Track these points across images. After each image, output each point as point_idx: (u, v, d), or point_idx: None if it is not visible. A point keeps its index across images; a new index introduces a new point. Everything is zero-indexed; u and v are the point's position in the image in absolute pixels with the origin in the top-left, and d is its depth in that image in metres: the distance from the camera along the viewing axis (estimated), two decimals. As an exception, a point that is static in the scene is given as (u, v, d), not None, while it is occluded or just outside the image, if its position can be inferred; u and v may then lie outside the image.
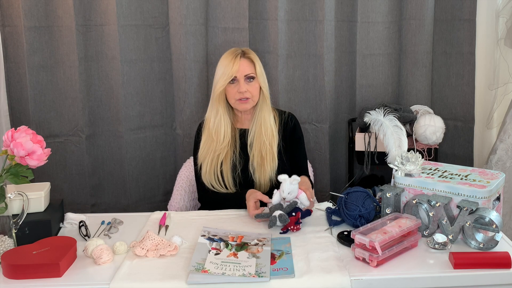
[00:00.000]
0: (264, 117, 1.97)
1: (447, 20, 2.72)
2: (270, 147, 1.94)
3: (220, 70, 1.94)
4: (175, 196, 2.15)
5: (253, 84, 1.94)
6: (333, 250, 1.47)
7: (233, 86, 1.93)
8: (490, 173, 1.60)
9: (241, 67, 1.92)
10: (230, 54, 1.95)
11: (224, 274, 1.32)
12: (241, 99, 1.92)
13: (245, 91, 1.91)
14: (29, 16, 2.49)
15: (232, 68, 1.90)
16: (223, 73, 1.92)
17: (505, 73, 2.62)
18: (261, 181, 1.94)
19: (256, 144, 1.96)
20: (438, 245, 1.45)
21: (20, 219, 1.49)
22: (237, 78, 1.92)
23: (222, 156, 1.95)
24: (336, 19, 2.68)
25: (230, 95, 1.94)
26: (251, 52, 1.99)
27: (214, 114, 1.98)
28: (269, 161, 1.93)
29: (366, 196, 1.65)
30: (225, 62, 1.93)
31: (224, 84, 1.92)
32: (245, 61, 1.94)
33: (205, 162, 1.96)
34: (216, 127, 1.96)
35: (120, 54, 2.57)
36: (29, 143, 1.41)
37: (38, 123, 2.60)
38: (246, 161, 1.97)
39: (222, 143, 1.95)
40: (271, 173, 1.93)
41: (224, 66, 1.93)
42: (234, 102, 1.95)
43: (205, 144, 1.98)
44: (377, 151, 2.52)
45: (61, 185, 2.67)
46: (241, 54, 1.95)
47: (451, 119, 2.77)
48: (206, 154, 1.97)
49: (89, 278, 1.35)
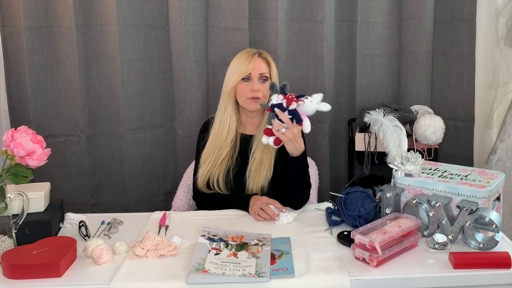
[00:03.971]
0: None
1: (447, 20, 2.72)
2: (271, 153, 1.91)
3: (234, 67, 1.92)
4: (179, 194, 2.15)
5: (266, 85, 1.91)
6: (333, 250, 1.47)
7: (246, 84, 1.90)
8: (490, 173, 1.60)
9: (257, 65, 1.90)
10: (246, 53, 1.93)
11: (224, 274, 1.32)
12: (253, 98, 1.89)
13: (258, 90, 1.89)
14: (29, 16, 2.50)
15: (248, 65, 1.88)
16: (237, 70, 1.90)
17: (505, 73, 2.62)
18: (253, 188, 1.90)
19: (260, 148, 1.92)
20: (438, 245, 1.45)
21: (20, 219, 1.49)
22: (251, 76, 1.90)
23: (222, 157, 1.93)
24: (336, 19, 2.68)
25: (242, 93, 1.91)
26: (268, 54, 1.97)
27: (222, 111, 1.95)
28: (266, 169, 1.89)
29: (366, 196, 1.65)
30: (240, 59, 1.92)
31: (237, 80, 1.89)
32: (261, 60, 1.93)
33: (206, 162, 1.94)
34: (222, 125, 1.94)
35: (120, 54, 2.57)
36: (29, 143, 1.41)
37: (38, 123, 2.60)
38: (242, 167, 1.93)
39: (224, 141, 1.93)
40: (264, 182, 1.90)
41: (239, 63, 1.91)
42: (244, 101, 1.91)
43: (211, 143, 1.96)
44: (377, 151, 2.52)
45: (61, 185, 2.67)
46: (258, 54, 1.93)
47: (451, 119, 2.77)
48: (211, 153, 1.94)
49: (89, 278, 1.35)
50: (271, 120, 1.66)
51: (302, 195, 1.84)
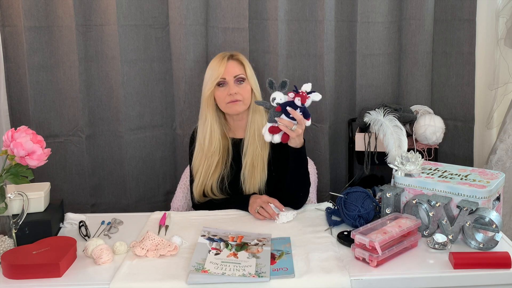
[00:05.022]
0: (257, 121, 1.91)
1: (447, 20, 2.72)
2: (262, 156, 1.89)
3: (208, 73, 1.90)
4: (178, 194, 2.15)
5: (244, 86, 1.89)
6: (333, 250, 1.47)
7: (223, 89, 1.88)
8: (490, 173, 1.60)
9: (229, 68, 1.88)
10: (217, 57, 1.91)
11: (224, 274, 1.32)
12: (232, 101, 1.86)
13: (236, 93, 1.86)
14: (29, 16, 2.49)
15: (219, 69, 1.86)
16: (211, 76, 1.87)
17: (505, 73, 2.62)
18: (250, 191, 1.89)
19: (249, 151, 1.90)
20: (438, 245, 1.45)
21: (20, 219, 1.49)
22: (226, 80, 1.87)
23: (213, 167, 1.91)
24: (336, 19, 2.68)
25: (220, 99, 1.88)
26: (240, 55, 1.95)
27: (203, 120, 1.93)
28: (259, 172, 1.88)
29: (366, 196, 1.65)
30: (212, 65, 1.90)
31: (212, 86, 1.87)
32: (234, 62, 1.90)
33: (198, 173, 1.93)
34: (204, 133, 1.92)
35: (120, 54, 2.57)
36: (29, 143, 1.41)
37: (38, 123, 2.60)
38: (237, 173, 1.92)
39: (209, 150, 1.91)
40: (260, 185, 1.89)
41: (212, 69, 1.89)
42: (224, 106, 1.89)
43: (197, 154, 1.95)
44: (377, 151, 2.52)
45: (61, 185, 2.67)
46: (229, 57, 1.91)
47: (451, 119, 2.77)
48: (199, 164, 1.93)
49: (89, 278, 1.35)
50: (274, 118, 1.65)
51: (303, 192, 1.84)
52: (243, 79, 1.90)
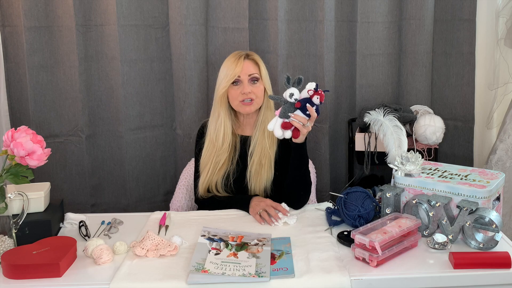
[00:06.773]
0: (268, 119, 1.89)
1: (447, 20, 2.72)
2: (269, 154, 1.89)
3: (223, 72, 1.91)
4: (177, 195, 2.15)
5: (258, 85, 1.90)
6: (333, 250, 1.47)
7: (236, 87, 1.89)
8: (490, 173, 1.60)
9: (245, 67, 1.89)
10: (233, 56, 1.92)
11: (224, 274, 1.33)
12: (245, 100, 1.88)
13: (249, 92, 1.87)
14: (29, 16, 2.49)
15: (235, 68, 1.87)
16: (226, 74, 1.89)
17: (505, 73, 2.62)
18: (255, 190, 1.90)
19: (257, 149, 1.91)
20: (438, 245, 1.45)
21: (20, 219, 1.49)
22: (241, 79, 1.89)
23: (220, 164, 1.91)
24: (336, 19, 2.68)
25: (233, 97, 1.90)
26: (255, 55, 1.96)
27: (216, 118, 1.94)
28: (266, 170, 1.88)
29: (366, 196, 1.65)
30: (228, 63, 1.91)
31: (227, 85, 1.88)
32: (249, 62, 1.92)
33: (206, 169, 1.93)
34: (217, 132, 1.92)
35: (120, 54, 2.57)
36: (29, 143, 1.41)
37: (38, 123, 2.60)
38: (243, 170, 1.92)
39: (221, 148, 1.92)
40: (266, 183, 1.89)
41: (227, 68, 1.90)
42: (237, 105, 1.90)
43: (207, 150, 1.94)
44: (377, 151, 2.52)
45: (61, 185, 2.67)
46: (245, 56, 1.92)
47: (451, 119, 2.77)
48: (208, 160, 1.93)
49: (89, 278, 1.35)
50: (288, 114, 1.65)
51: (304, 191, 1.84)
52: (257, 78, 1.91)
